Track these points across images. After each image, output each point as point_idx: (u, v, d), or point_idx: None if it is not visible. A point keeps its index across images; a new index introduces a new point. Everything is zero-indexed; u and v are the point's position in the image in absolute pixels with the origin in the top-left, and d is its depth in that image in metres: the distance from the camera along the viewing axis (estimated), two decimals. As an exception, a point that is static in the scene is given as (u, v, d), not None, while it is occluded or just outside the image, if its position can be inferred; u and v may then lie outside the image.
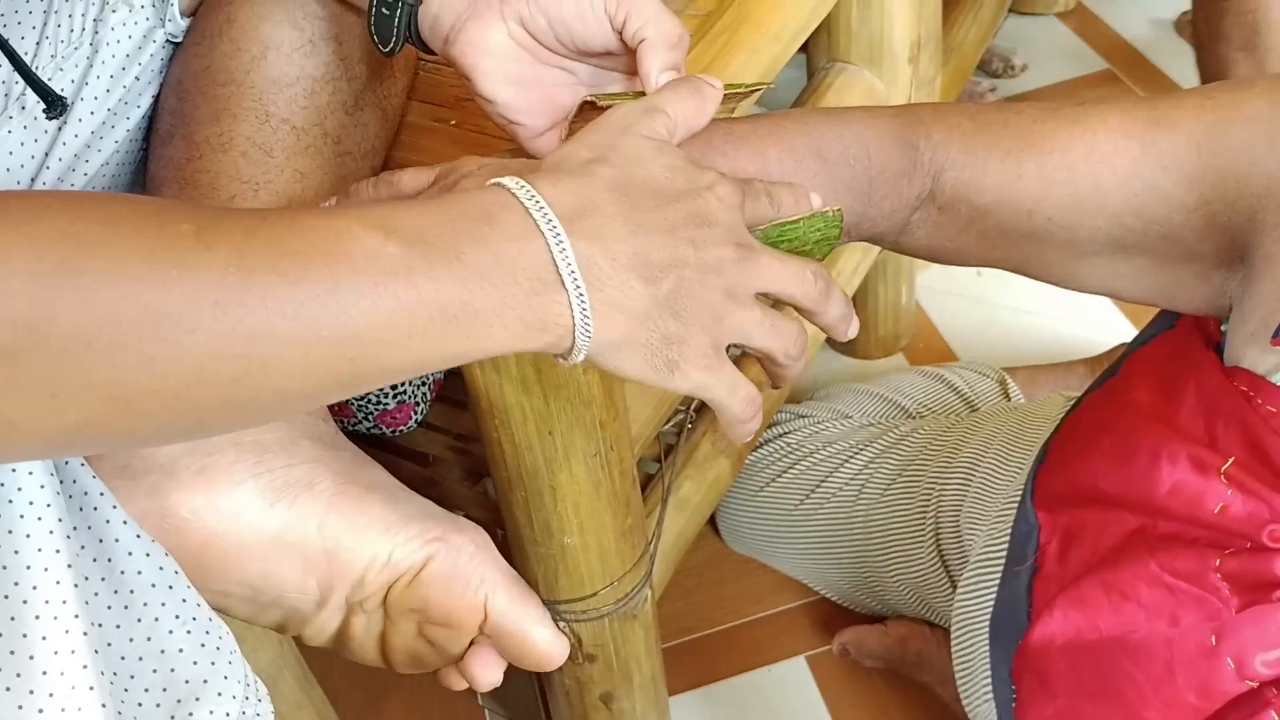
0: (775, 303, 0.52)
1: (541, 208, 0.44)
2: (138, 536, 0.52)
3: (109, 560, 0.52)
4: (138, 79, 0.66)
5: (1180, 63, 1.59)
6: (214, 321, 0.38)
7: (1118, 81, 1.59)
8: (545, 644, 0.62)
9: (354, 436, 1.08)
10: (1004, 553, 0.75)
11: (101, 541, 0.52)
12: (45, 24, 0.62)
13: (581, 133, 0.50)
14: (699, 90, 0.53)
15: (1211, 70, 1.10)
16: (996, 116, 0.60)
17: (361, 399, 1.06)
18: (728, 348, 0.50)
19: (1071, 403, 1.01)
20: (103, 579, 0.51)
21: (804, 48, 1.02)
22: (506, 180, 0.45)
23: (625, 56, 0.59)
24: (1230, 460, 0.57)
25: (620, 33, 0.57)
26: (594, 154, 0.48)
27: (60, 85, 0.62)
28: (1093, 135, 0.58)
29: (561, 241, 0.44)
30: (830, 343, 1.27)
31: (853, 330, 0.54)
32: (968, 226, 0.60)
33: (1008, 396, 1.10)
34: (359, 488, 0.60)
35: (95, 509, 0.52)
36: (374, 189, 0.55)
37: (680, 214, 0.47)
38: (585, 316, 0.44)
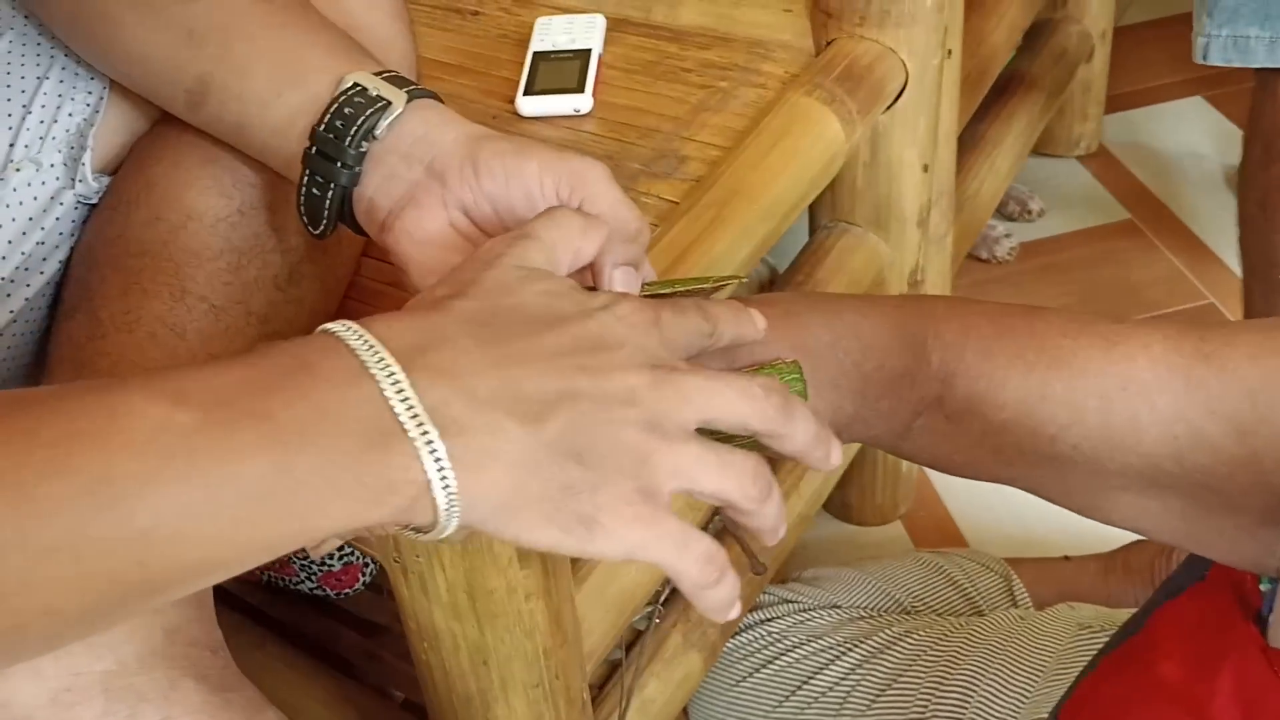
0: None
1: (371, 346, 0.36)
2: None
3: None
4: (41, 244, 0.59)
5: (1204, 218, 1.52)
6: None
7: (1139, 234, 1.52)
8: None
9: (293, 595, 1.00)
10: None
11: None
12: None
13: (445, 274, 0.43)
14: (579, 217, 0.46)
15: (1258, 254, 1.01)
16: (1020, 323, 0.53)
17: (305, 557, 0.98)
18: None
19: (1080, 629, 0.92)
20: None
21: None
22: (332, 324, 0.38)
23: None
24: None
25: None
26: (449, 290, 0.41)
27: None
28: (1131, 362, 0.51)
29: (397, 380, 0.36)
30: (826, 507, 1.18)
31: (835, 457, 0.45)
32: (980, 441, 0.53)
33: (1012, 594, 1.01)
34: None
35: None
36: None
37: (565, 339, 0.40)
38: (443, 470, 0.36)
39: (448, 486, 0.36)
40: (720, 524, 0.95)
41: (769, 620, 0.99)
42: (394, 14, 0.66)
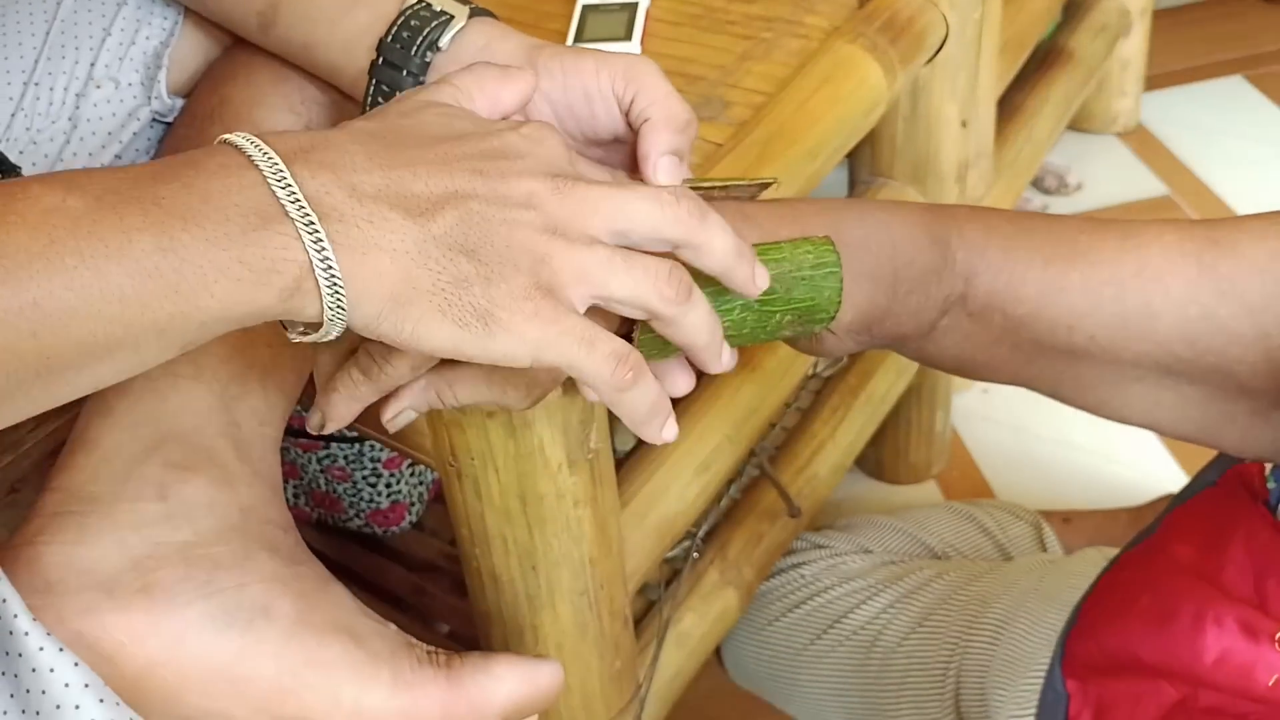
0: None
1: (258, 144, 0.37)
2: (75, 664, 0.46)
3: (26, 692, 0.47)
4: (118, 157, 0.62)
5: (1243, 196, 1.53)
6: None
7: (1176, 209, 1.52)
8: None
9: (342, 533, 1.03)
10: (1030, 727, 0.68)
11: (18, 676, 0.46)
12: (23, 95, 0.59)
13: None
14: (496, 67, 0.47)
15: None
16: (1039, 223, 0.55)
17: (354, 495, 1.01)
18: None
19: (1108, 560, 0.94)
20: (22, 712, 0.46)
21: (847, 157, 0.98)
22: (230, 134, 0.39)
23: (633, 143, 0.54)
24: None
25: (627, 114, 0.52)
26: (355, 122, 0.42)
27: (33, 159, 0.59)
28: (1145, 250, 0.52)
29: (279, 169, 0.37)
30: (858, 464, 1.20)
31: (761, 280, 0.44)
32: (1000, 338, 0.55)
33: (1042, 543, 1.03)
34: (322, 615, 0.54)
35: (9, 633, 0.47)
36: None
37: (460, 150, 0.40)
38: (323, 249, 0.36)
39: (330, 268, 0.37)
40: (758, 465, 0.97)
41: (801, 564, 1.01)
42: None
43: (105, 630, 0.50)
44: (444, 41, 0.54)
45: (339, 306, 0.38)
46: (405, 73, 0.54)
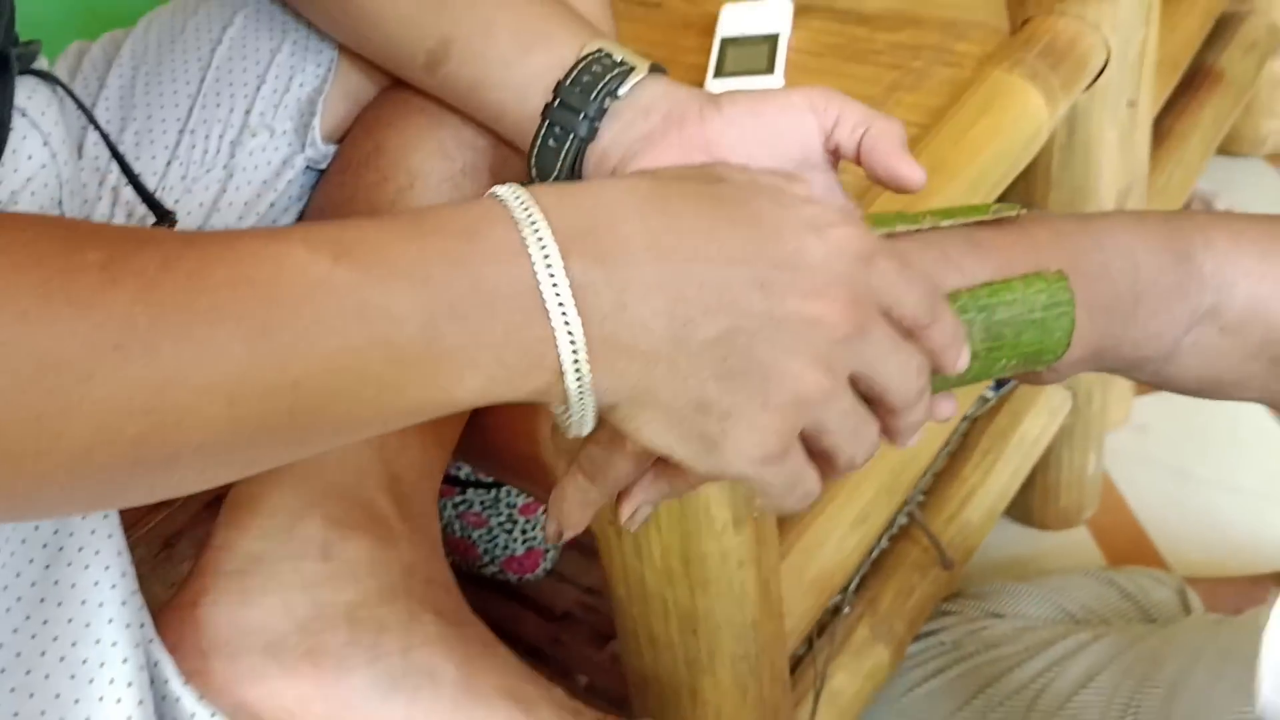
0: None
1: (534, 222, 0.35)
2: None
3: None
4: (273, 205, 0.61)
5: None
6: (114, 369, 0.31)
7: (1336, 233, 1.44)
8: None
9: (477, 580, 1.01)
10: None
11: None
12: (178, 144, 0.58)
13: None
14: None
15: None
16: None
17: (489, 541, 0.99)
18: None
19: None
20: None
21: (996, 191, 0.93)
22: (501, 189, 0.36)
23: (822, 175, 0.53)
24: None
25: (828, 137, 0.51)
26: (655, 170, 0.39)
27: (188, 207, 0.58)
28: None
29: (551, 266, 0.34)
30: (1006, 510, 1.15)
31: (914, 440, 0.42)
32: (1258, 351, 0.50)
33: (1187, 607, 0.97)
34: (487, 679, 0.52)
35: (163, 698, 0.45)
36: None
37: (748, 250, 0.36)
38: (576, 357, 0.35)
39: (579, 373, 0.35)
40: (908, 517, 0.93)
41: (937, 630, 0.96)
42: None
43: (272, 697, 0.49)
44: (623, 90, 0.53)
45: (585, 406, 0.36)
46: (582, 115, 0.53)
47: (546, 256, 0.34)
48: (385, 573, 0.51)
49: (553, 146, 0.53)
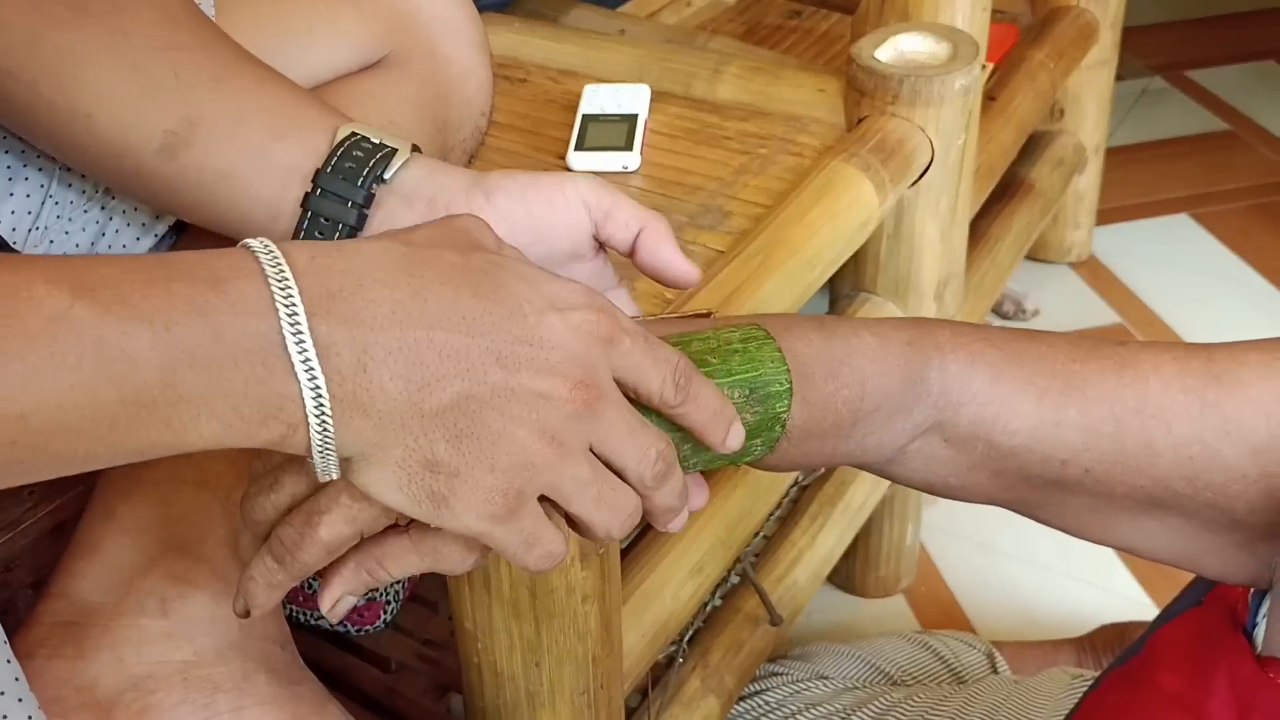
0: None
1: (284, 278, 0.36)
2: None
3: None
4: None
5: (1192, 326, 1.59)
6: None
7: (1129, 338, 1.58)
8: None
9: (315, 631, 1.01)
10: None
11: None
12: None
13: None
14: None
15: None
16: (1028, 348, 0.53)
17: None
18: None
19: (1074, 678, 0.95)
20: None
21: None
22: (254, 242, 0.37)
23: (590, 262, 0.54)
24: None
25: (598, 229, 0.52)
26: (408, 230, 0.40)
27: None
28: (1143, 384, 0.51)
29: (299, 324, 0.35)
30: (829, 578, 1.21)
31: (675, 525, 0.45)
32: (981, 464, 0.53)
33: (995, 669, 1.05)
34: None
35: None
36: None
37: (488, 323, 0.38)
38: (323, 413, 0.36)
39: (325, 431, 0.36)
40: (740, 572, 0.97)
41: (762, 691, 1.01)
42: (477, 45, 0.70)
43: None
44: (389, 174, 0.53)
45: (327, 457, 0.37)
46: (350, 204, 0.52)
47: (293, 315, 0.35)
48: (222, 631, 0.51)
49: (320, 239, 0.52)
